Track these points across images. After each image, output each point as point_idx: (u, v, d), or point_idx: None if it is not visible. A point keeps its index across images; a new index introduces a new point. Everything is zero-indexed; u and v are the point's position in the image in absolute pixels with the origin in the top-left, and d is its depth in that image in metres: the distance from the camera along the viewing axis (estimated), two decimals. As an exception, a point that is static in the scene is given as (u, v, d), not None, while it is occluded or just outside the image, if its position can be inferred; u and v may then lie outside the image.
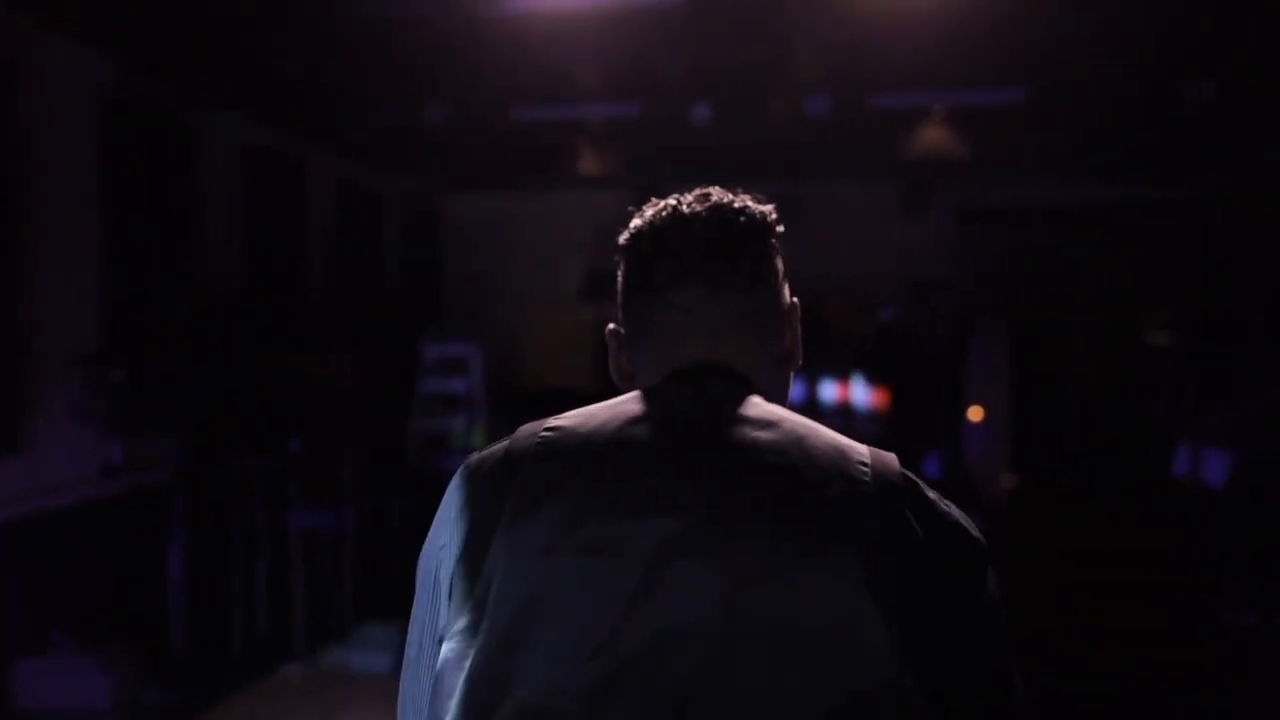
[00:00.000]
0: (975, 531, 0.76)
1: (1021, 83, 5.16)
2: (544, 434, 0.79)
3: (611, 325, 0.95)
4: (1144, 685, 4.12)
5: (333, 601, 4.66)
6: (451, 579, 0.76)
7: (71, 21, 4.08)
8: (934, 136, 6.17)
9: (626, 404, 0.82)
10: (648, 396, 0.82)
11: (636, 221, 0.94)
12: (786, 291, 0.93)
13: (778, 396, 0.88)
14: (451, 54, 4.67)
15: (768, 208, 0.93)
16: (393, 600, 5.14)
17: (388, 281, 7.43)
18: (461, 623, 0.72)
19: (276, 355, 5.06)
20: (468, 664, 0.70)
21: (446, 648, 0.73)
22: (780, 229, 0.94)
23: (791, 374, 0.94)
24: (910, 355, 7.69)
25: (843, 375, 7.49)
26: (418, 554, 0.82)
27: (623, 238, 0.94)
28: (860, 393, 7.45)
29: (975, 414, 7.66)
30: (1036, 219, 8.45)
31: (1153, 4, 4.00)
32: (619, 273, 0.94)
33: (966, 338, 7.64)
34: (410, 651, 0.82)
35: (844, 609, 0.67)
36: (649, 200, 0.94)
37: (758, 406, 0.80)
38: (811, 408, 7.16)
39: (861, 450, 0.76)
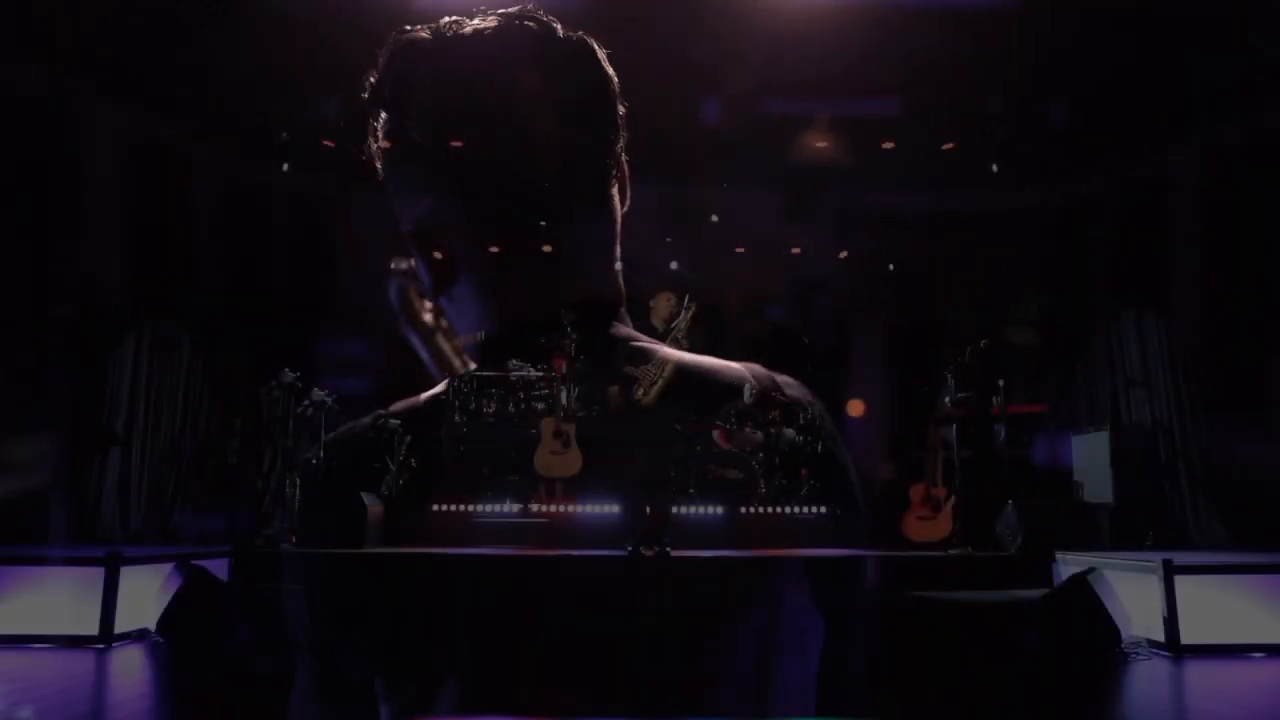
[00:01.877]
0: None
1: (900, 95, 5.49)
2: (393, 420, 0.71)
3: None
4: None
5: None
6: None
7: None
8: (819, 143, 6.46)
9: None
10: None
11: (425, 91, 0.63)
12: (621, 148, 0.71)
13: (608, 250, 0.80)
14: (346, 50, 4.64)
15: (602, 59, 0.64)
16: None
17: (281, 280, 7.25)
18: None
19: (163, 354, 4.91)
20: None
21: None
22: (615, 78, 0.70)
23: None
24: (798, 354, 7.99)
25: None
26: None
27: (392, 92, 0.63)
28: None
29: (855, 409, 8.04)
30: (913, 223, 8.90)
31: (1019, 29, 4.36)
32: (381, 139, 0.68)
33: (847, 336, 8.01)
34: None
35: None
36: None
37: (633, 337, 0.79)
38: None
39: (734, 364, 0.86)
